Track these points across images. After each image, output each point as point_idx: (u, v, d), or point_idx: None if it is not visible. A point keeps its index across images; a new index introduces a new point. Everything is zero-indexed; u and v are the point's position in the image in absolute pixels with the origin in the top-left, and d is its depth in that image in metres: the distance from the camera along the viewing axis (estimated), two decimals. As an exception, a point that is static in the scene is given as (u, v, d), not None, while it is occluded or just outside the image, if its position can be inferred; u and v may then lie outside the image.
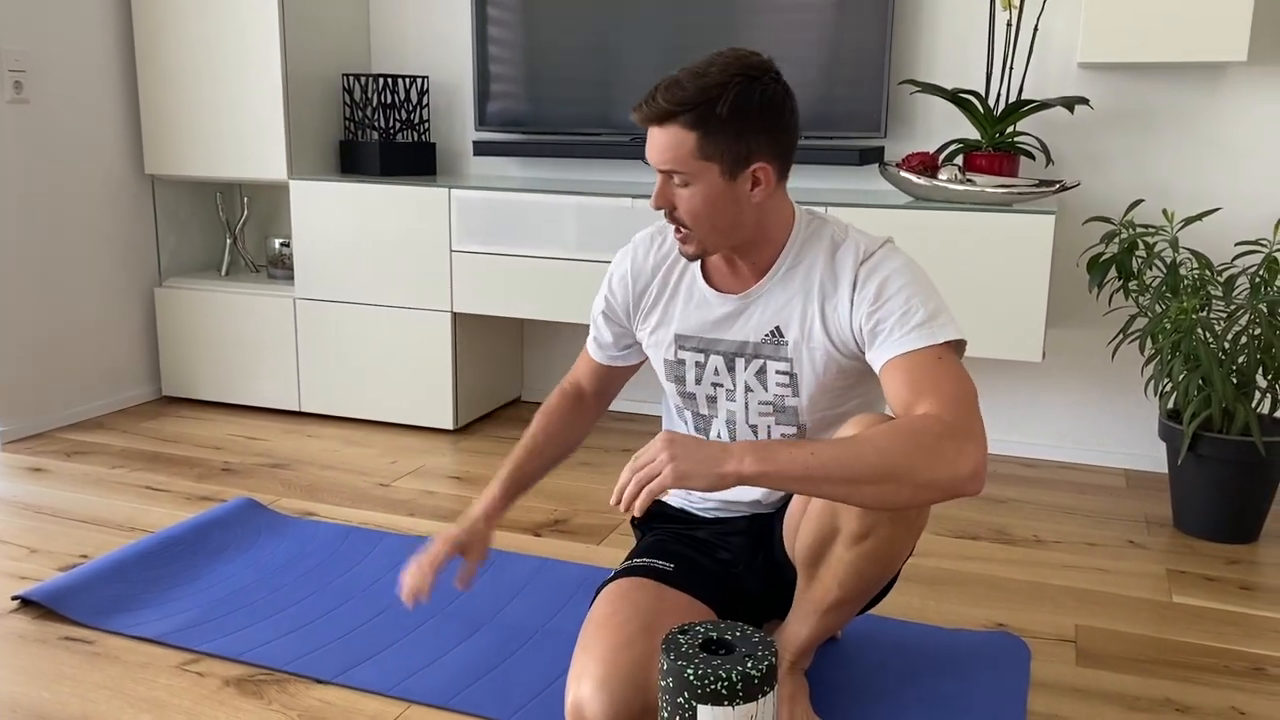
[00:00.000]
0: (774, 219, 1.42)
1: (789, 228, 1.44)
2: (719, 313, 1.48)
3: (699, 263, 1.50)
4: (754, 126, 1.32)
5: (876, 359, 1.36)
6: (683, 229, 1.39)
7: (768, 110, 1.33)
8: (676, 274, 1.52)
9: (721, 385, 1.51)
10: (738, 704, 1.15)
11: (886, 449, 1.20)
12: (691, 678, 1.14)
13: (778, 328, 1.44)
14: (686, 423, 1.60)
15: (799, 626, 1.50)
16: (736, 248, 1.43)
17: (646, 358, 1.64)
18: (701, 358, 1.51)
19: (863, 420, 1.34)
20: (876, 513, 1.31)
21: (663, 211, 1.39)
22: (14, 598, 1.92)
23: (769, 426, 1.50)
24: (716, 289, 1.49)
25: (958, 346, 1.34)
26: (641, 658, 1.36)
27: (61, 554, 2.14)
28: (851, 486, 1.20)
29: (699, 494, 1.62)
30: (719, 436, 1.55)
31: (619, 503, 1.22)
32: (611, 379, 1.67)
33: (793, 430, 1.50)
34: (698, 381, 1.53)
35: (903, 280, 1.37)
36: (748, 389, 1.49)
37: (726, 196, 1.35)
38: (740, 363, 1.48)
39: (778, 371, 1.46)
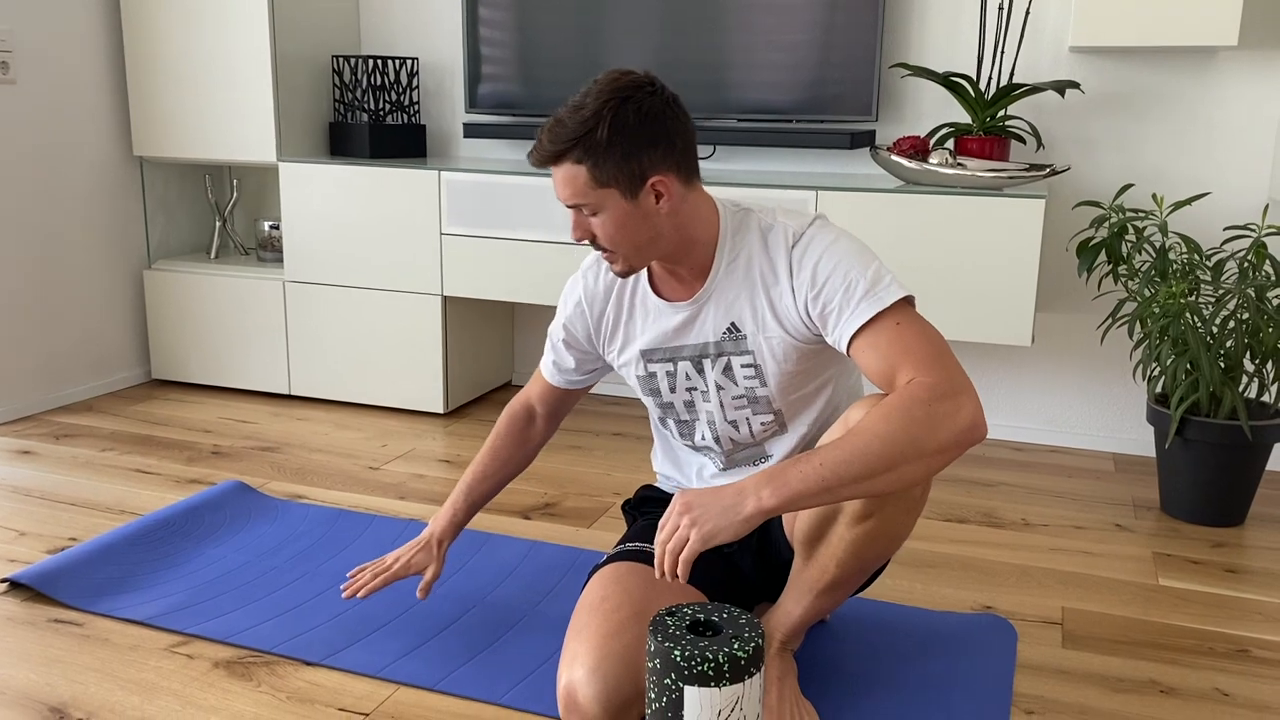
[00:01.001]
0: (695, 222, 1.44)
1: (715, 226, 1.46)
2: (675, 321, 1.50)
3: (648, 278, 1.52)
4: (638, 143, 1.34)
5: (839, 342, 1.37)
6: (607, 251, 1.42)
7: (647, 124, 1.34)
8: (629, 293, 1.55)
9: (695, 388, 1.53)
10: (724, 685, 1.15)
11: (887, 433, 1.21)
12: (678, 659, 1.15)
13: (733, 323, 1.46)
14: (671, 432, 1.62)
15: (792, 606, 1.51)
16: (667, 257, 1.45)
17: (599, 381, 1.69)
18: (671, 366, 1.53)
19: (861, 405, 1.35)
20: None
21: (586, 242, 1.42)
22: (3, 580, 1.92)
23: (746, 419, 1.52)
24: (667, 299, 1.51)
25: (909, 302, 1.36)
26: (634, 643, 1.37)
27: (51, 536, 2.14)
28: (869, 481, 1.21)
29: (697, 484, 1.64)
30: (703, 439, 1.57)
31: (662, 575, 1.25)
32: (564, 400, 1.71)
33: (770, 417, 1.51)
34: (672, 390, 1.55)
35: (836, 257, 1.38)
36: (719, 387, 1.51)
37: (635, 216, 1.37)
38: (707, 363, 1.50)
39: (742, 365, 1.48)
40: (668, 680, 1.16)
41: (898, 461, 1.21)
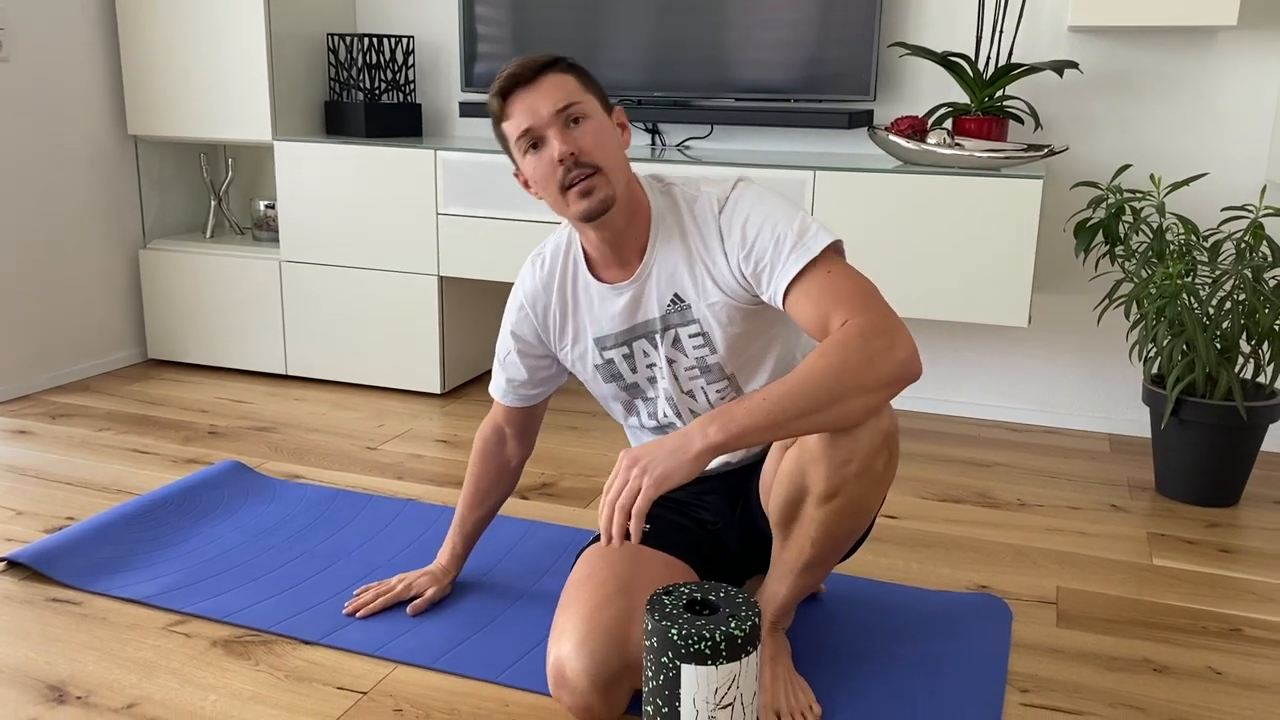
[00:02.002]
0: (635, 184, 1.47)
1: (646, 200, 1.49)
2: (620, 303, 1.51)
3: (587, 267, 1.52)
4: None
5: (774, 298, 1.39)
6: (590, 170, 1.38)
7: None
8: (570, 286, 1.55)
9: (654, 364, 1.55)
10: (721, 663, 1.16)
11: (826, 368, 1.24)
12: (675, 638, 1.15)
13: (676, 295, 1.48)
14: (640, 416, 1.63)
15: (777, 586, 1.52)
16: (620, 219, 1.44)
17: (555, 389, 1.70)
18: (626, 349, 1.54)
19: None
20: (844, 470, 1.33)
21: (564, 168, 1.38)
22: (1, 559, 1.92)
23: (701, 387, 1.54)
24: (608, 283, 1.52)
25: (837, 248, 1.38)
26: (620, 616, 1.38)
27: (48, 516, 2.14)
28: (814, 416, 1.23)
29: None
30: (665, 415, 1.59)
31: (610, 540, 1.22)
32: (527, 418, 1.72)
33: (723, 384, 1.53)
34: (634, 371, 1.56)
35: (761, 215, 1.41)
36: (669, 360, 1.53)
37: (612, 131, 1.43)
38: (658, 338, 1.52)
39: (690, 336, 1.50)
40: (665, 659, 1.17)
41: (839, 395, 1.23)
